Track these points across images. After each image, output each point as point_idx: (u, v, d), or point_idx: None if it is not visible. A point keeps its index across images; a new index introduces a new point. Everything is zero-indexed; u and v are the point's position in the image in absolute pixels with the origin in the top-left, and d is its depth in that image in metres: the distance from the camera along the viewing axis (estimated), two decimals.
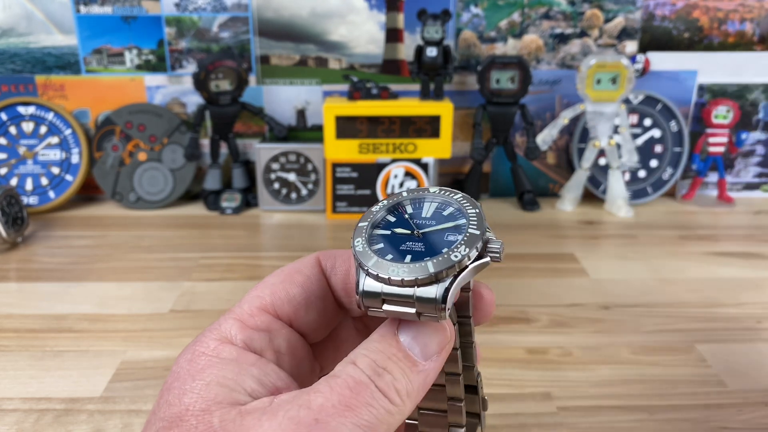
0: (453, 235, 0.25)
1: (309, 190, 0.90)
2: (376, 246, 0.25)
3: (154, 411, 0.23)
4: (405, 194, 0.27)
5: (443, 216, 0.26)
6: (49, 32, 0.89)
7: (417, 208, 0.26)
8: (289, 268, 0.27)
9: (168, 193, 0.91)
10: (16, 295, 0.64)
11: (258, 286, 0.26)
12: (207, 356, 0.23)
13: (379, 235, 0.25)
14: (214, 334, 0.24)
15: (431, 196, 0.27)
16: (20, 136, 0.91)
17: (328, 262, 0.27)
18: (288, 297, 0.26)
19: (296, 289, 0.26)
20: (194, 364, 0.23)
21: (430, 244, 0.24)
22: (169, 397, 0.22)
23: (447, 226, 0.25)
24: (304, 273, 0.27)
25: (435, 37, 0.83)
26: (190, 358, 0.23)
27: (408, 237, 0.25)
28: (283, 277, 0.26)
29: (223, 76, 0.86)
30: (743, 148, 0.96)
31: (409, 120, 0.83)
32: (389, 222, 0.26)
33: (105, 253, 0.75)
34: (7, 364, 0.52)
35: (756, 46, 0.91)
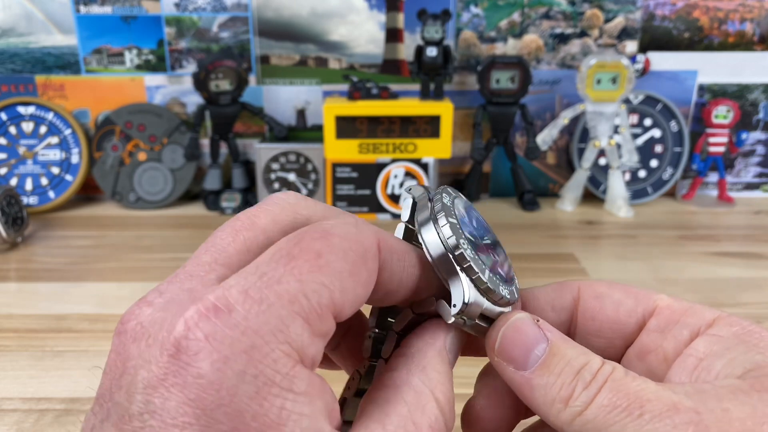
0: (496, 253, 0.24)
1: (309, 190, 0.90)
2: (471, 254, 0.22)
3: None
4: (452, 192, 0.24)
5: (484, 226, 0.25)
6: (49, 32, 0.89)
7: (468, 210, 0.25)
8: (354, 252, 0.19)
9: (168, 193, 0.91)
10: (16, 295, 0.64)
11: (315, 262, 0.18)
12: (280, 390, 0.16)
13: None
14: (280, 344, 0.17)
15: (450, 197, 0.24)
16: (20, 136, 0.91)
17: (386, 255, 0.21)
18: (355, 300, 0.19)
19: (362, 290, 0.20)
20: (266, 404, 0.16)
21: (491, 257, 0.24)
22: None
23: (488, 242, 0.24)
24: (368, 266, 0.20)
25: (435, 37, 0.83)
26: (257, 391, 0.16)
27: (474, 245, 0.23)
28: (351, 266, 0.19)
29: (223, 76, 0.86)
30: (743, 148, 0.95)
31: (409, 120, 0.83)
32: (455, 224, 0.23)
33: (105, 253, 0.75)
34: (7, 364, 0.52)
35: (756, 46, 0.91)
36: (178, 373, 0.16)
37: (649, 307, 0.24)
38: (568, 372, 0.21)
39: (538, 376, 0.21)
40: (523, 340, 0.22)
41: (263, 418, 0.16)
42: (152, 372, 0.16)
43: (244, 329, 0.16)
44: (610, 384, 0.20)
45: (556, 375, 0.21)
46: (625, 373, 0.20)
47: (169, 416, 0.16)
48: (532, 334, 0.22)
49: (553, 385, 0.21)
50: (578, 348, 0.22)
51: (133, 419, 0.16)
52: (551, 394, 0.21)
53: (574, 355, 0.21)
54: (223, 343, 0.16)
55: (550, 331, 0.22)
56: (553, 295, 0.25)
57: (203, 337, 0.16)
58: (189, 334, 0.16)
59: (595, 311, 0.25)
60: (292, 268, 0.18)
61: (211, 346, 0.16)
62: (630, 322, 0.24)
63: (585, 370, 0.21)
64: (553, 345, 0.22)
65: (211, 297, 0.17)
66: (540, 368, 0.21)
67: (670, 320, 0.24)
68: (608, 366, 0.21)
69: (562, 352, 0.21)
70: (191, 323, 0.17)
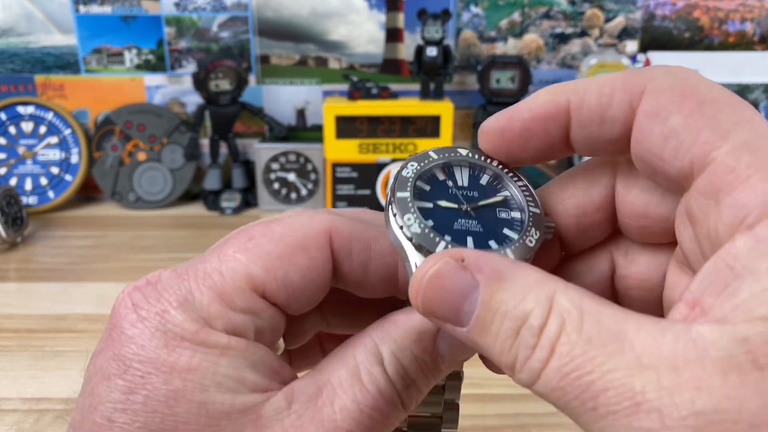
0: (505, 211, 0.21)
1: (309, 190, 0.90)
2: (427, 223, 0.20)
3: (108, 399, 0.18)
4: (433, 155, 0.22)
5: (482, 186, 0.22)
6: (49, 32, 0.89)
7: (449, 173, 0.22)
8: (292, 237, 0.21)
9: (168, 193, 0.91)
10: (16, 295, 0.64)
11: (243, 243, 0.20)
12: (189, 344, 0.19)
13: (422, 209, 0.21)
14: (187, 311, 0.19)
15: (460, 159, 0.22)
16: (19, 135, 0.91)
17: (342, 243, 0.21)
18: (285, 282, 0.20)
19: (297, 274, 0.20)
20: (175, 354, 0.18)
21: (485, 222, 0.21)
22: (149, 397, 0.18)
23: (495, 201, 0.21)
24: (311, 253, 0.21)
25: (435, 37, 0.83)
26: (165, 344, 0.19)
27: (456, 212, 0.21)
28: (284, 249, 0.20)
29: (222, 75, 0.86)
30: None
31: (409, 120, 0.83)
32: (426, 192, 0.21)
33: (104, 253, 0.75)
34: (7, 365, 0.51)
35: (756, 46, 0.91)
36: (110, 336, 0.19)
37: (703, 158, 0.17)
38: (506, 331, 0.16)
39: (478, 335, 0.17)
40: (449, 295, 0.17)
41: (173, 363, 0.18)
42: (101, 342, 0.20)
43: (159, 297, 0.19)
44: (557, 356, 0.15)
45: (494, 335, 0.17)
46: (580, 330, 0.15)
47: (100, 371, 0.19)
48: (459, 282, 0.17)
49: (494, 348, 0.17)
50: (520, 284, 0.17)
51: (84, 384, 0.20)
52: (496, 358, 0.17)
53: (511, 303, 0.16)
54: (143, 308, 0.19)
55: (481, 270, 0.17)
56: (608, 99, 0.19)
57: (131, 304, 0.19)
58: (122, 304, 0.20)
59: (641, 135, 0.18)
60: (221, 249, 0.21)
61: (134, 311, 0.19)
62: (674, 167, 0.18)
63: (525, 330, 0.16)
64: (484, 291, 0.17)
65: (149, 275, 0.21)
66: (476, 326, 0.17)
67: (727, 186, 0.16)
68: (555, 320, 0.16)
69: (496, 301, 0.17)
70: (125, 295, 0.20)
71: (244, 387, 0.19)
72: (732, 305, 0.14)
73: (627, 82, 0.19)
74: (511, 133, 0.21)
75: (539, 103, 0.20)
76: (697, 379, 0.14)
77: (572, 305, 0.16)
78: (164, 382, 0.18)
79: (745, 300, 0.14)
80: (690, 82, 0.18)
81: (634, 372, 0.14)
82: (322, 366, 0.21)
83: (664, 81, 0.18)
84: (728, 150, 0.16)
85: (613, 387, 0.14)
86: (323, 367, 0.21)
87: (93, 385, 0.19)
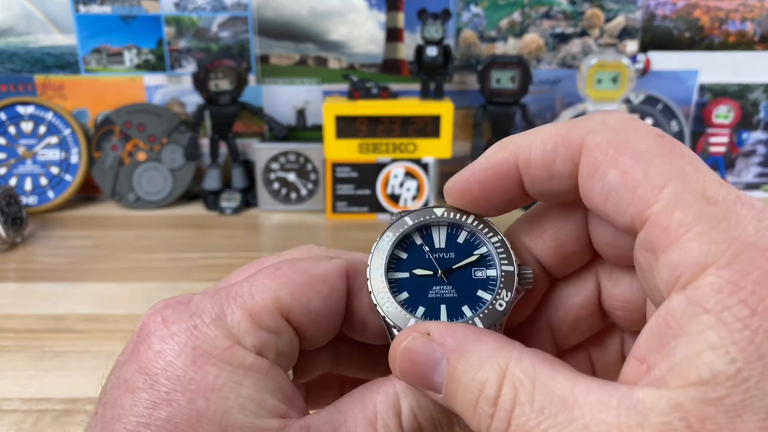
0: (481, 270, 0.22)
1: (309, 190, 0.90)
2: (400, 297, 0.22)
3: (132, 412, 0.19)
4: (409, 221, 0.23)
5: (459, 245, 0.23)
6: (48, 32, 0.89)
7: (426, 236, 0.23)
8: (315, 270, 0.22)
9: (167, 193, 0.91)
10: (15, 296, 0.64)
11: (271, 273, 0.22)
12: (216, 361, 0.19)
13: (398, 280, 0.22)
14: (220, 328, 0.20)
15: (436, 220, 0.23)
16: (19, 135, 0.90)
17: (356, 280, 0.23)
18: (308, 308, 0.22)
19: (319, 303, 0.22)
20: (201, 371, 0.19)
21: (459, 286, 0.22)
22: (173, 414, 0.18)
23: (471, 261, 0.22)
24: (331, 284, 0.22)
25: (435, 37, 0.83)
26: (193, 360, 0.19)
27: (431, 279, 0.22)
28: (308, 279, 0.22)
29: (222, 75, 0.86)
30: (744, 148, 0.95)
31: (409, 120, 0.83)
32: (403, 261, 0.23)
33: (104, 254, 0.75)
34: (7, 365, 0.51)
35: (757, 46, 0.90)
36: (136, 349, 0.20)
37: (640, 215, 0.17)
38: (469, 401, 0.18)
39: (451, 402, 0.19)
40: (420, 367, 0.19)
41: (199, 382, 0.19)
42: (125, 353, 0.21)
43: (192, 314, 0.20)
44: (515, 426, 0.17)
45: (461, 404, 0.18)
46: (532, 401, 0.17)
47: (125, 383, 0.19)
48: (426, 355, 0.19)
49: (465, 415, 0.18)
50: (477, 354, 0.18)
51: (106, 393, 0.20)
52: (470, 423, 0.18)
53: (470, 374, 0.18)
54: (174, 324, 0.20)
55: (444, 343, 0.19)
56: (552, 156, 0.20)
57: (161, 320, 0.20)
58: (151, 319, 0.20)
59: (585, 191, 0.19)
60: (253, 277, 0.22)
61: (164, 326, 0.20)
62: (618, 222, 0.18)
63: (482, 400, 0.17)
64: (449, 364, 0.19)
65: (179, 296, 0.21)
66: (447, 394, 0.19)
67: (661, 244, 0.17)
68: (508, 390, 0.17)
69: (458, 371, 0.18)
70: (155, 311, 0.21)
71: (265, 411, 0.19)
72: (669, 365, 0.15)
73: (567, 138, 0.19)
74: (471, 194, 0.22)
75: (491, 164, 0.21)
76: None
77: (524, 374, 0.17)
78: (189, 401, 0.19)
79: (680, 361, 0.15)
80: (624, 134, 0.18)
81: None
82: (341, 404, 0.21)
83: (600, 136, 0.19)
84: (661, 208, 0.17)
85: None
86: (342, 405, 0.21)
87: (116, 396, 0.19)
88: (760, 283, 0.15)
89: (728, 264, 0.15)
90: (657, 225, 0.17)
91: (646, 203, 0.17)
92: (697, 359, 0.15)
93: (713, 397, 0.14)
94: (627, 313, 0.23)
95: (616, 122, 0.19)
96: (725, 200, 0.16)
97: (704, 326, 0.15)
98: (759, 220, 0.16)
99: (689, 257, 0.16)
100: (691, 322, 0.15)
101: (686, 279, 0.16)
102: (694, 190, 0.16)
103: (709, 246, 0.16)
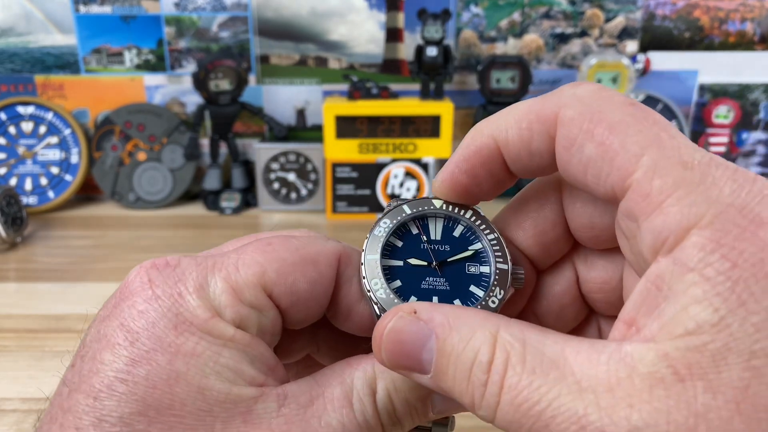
0: (475, 265, 0.22)
1: (309, 190, 0.90)
2: (393, 285, 0.22)
3: (111, 367, 0.19)
4: (407, 210, 0.23)
5: (455, 238, 0.23)
6: (49, 32, 0.89)
7: (423, 227, 0.23)
8: (306, 251, 0.22)
9: (167, 193, 0.91)
10: (16, 296, 0.64)
11: (261, 247, 0.22)
12: (197, 330, 0.19)
13: (393, 268, 0.22)
14: (202, 298, 0.20)
15: (434, 211, 0.23)
16: (19, 135, 0.91)
17: (348, 268, 0.23)
18: (293, 288, 0.21)
19: (305, 284, 0.22)
20: (182, 337, 0.19)
21: (452, 279, 0.22)
22: (151, 372, 0.19)
23: (466, 256, 0.23)
24: (320, 268, 0.22)
25: (435, 37, 0.83)
26: (175, 325, 0.19)
27: (425, 270, 0.22)
28: (297, 259, 0.22)
29: (222, 75, 0.86)
30: (744, 148, 0.95)
31: (409, 120, 0.83)
32: (398, 249, 0.23)
33: (104, 253, 0.75)
34: (7, 365, 0.51)
35: (757, 46, 0.90)
36: (119, 305, 0.20)
37: (620, 184, 0.18)
38: (461, 373, 0.18)
39: (440, 380, 0.18)
40: (408, 347, 0.19)
41: (179, 346, 0.19)
42: (107, 308, 0.21)
43: (177, 280, 0.20)
44: (507, 389, 0.17)
45: (452, 378, 0.18)
46: (524, 361, 0.17)
47: (105, 338, 0.19)
48: (415, 333, 0.19)
49: (455, 390, 0.18)
50: (467, 325, 0.18)
51: (85, 346, 0.20)
52: (459, 399, 0.18)
53: (460, 345, 0.18)
54: (159, 287, 0.20)
55: (432, 319, 0.19)
56: (528, 134, 0.20)
57: (147, 280, 0.20)
58: (137, 278, 0.21)
59: (563, 164, 0.19)
60: (242, 249, 0.22)
61: (150, 287, 0.20)
62: (599, 192, 0.19)
63: (476, 368, 0.17)
64: (437, 338, 0.18)
65: (169, 256, 0.21)
66: (436, 372, 0.18)
67: (643, 211, 0.17)
68: (500, 354, 0.17)
69: (448, 345, 0.18)
70: (142, 269, 0.21)
71: (242, 379, 0.20)
72: (659, 324, 0.16)
73: (540, 114, 0.20)
74: (461, 186, 0.22)
75: (472, 151, 0.21)
76: (629, 397, 0.15)
77: (514, 338, 0.17)
78: (168, 362, 0.19)
79: (669, 320, 0.16)
80: (596, 106, 0.19)
81: (575, 396, 0.16)
82: (320, 375, 0.22)
83: (573, 109, 0.19)
84: (641, 176, 0.17)
85: (560, 413, 0.16)
86: (320, 377, 0.21)
87: (95, 350, 0.19)
88: (739, 238, 0.15)
89: (709, 224, 0.16)
90: (638, 193, 0.17)
91: (626, 172, 0.17)
92: (683, 314, 0.15)
93: (698, 345, 0.15)
94: (604, 295, 0.23)
95: (587, 94, 0.19)
96: (700, 164, 0.17)
97: (689, 284, 0.16)
98: (734, 180, 0.16)
99: (672, 221, 0.16)
100: (678, 282, 0.16)
101: (672, 242, 0.16)
102: (671, 156, 0.17)
103: (690, 209, 0.16)
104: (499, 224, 0.24)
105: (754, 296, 0.15)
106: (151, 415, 0.18)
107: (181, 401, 0.19)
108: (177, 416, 0.18)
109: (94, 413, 0.18)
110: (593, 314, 0.25)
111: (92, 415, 0.18)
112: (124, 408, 0.18)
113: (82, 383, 0.19)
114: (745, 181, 0.16)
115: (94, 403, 0.18)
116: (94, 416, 0.18)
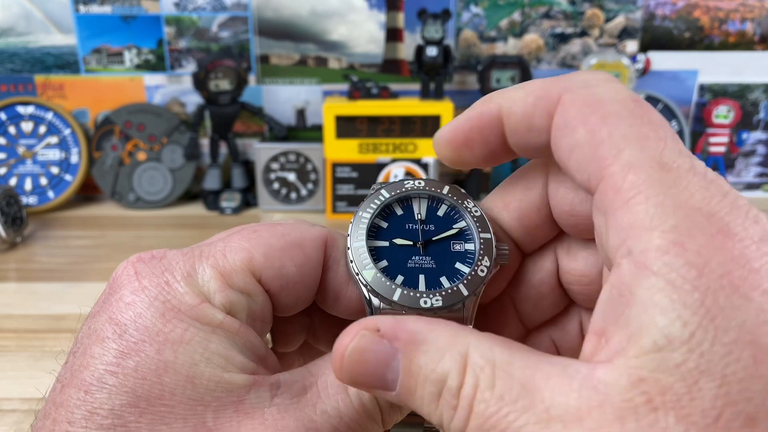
0: (459, 243, 0.23)
1: (309, 190, 0.90)
2: (380, 265, 0.22)
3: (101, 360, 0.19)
4: (385, 194, 0.24)
5: (439, 217, 0.23)
6: (49, 32, 0.89)
7: (407, 207, 0.24)
8: (292, 235, 0.22)
9: (167, 193, 0.91)
10: (16, 296, 0.64)
11: (247, 234, 0.22)
12: (185, 317, 0.20)
13: (379, 248, 0.22)
14: (190, 285, 0.20)
15: (416, 192, 0.24)
16: (19, 135, 0.90)
17: (334, 251, 0.23)
18: (281, 271, 0.22)
19: (292, 267, 0.22)
20: (170, 325, 0.19)
21: (438, 257, 0.22)
22: (141, 363, 0.19)
23: (450, 234, 0.23)
24: (306, 252, 0.22)
25: (435, 37, 0.83)
26: (162, 313, 0.19)
27: (410, 249, 0.22)
28: (284, 244, 0.22)
29: (222, 75, 0.86)
30: (744, 148, 0.95)
31: (409, 120, 0.83)
32: (383, 230, 0.23)
33: (104, 253, 0.75)
34: (7, 365, 0.51)
35: (757, 46, 0.90)
36: (108, 300, 0.20)
37: (597, 174, 0.17)
38: (430, 395, 0.17)
39: (406, 399, 0.18)
40: (371, 367, 0.18)
41: (167, 334, 0.19)
42: (97, 305, 0.21)
43: (164, 270, 0.20)
44: (475, 416, 0.16)
45: (420, 399, 0.17)
46: (492, 387, 0.16)
47: (95, 333, 0.20)
48: (378, 352, 0.18)
49: (422, 410, 0.18)
50: (435, 345, 0.17)
51: (77, 342, 0.20)
52: (426, 417, 0.18)
53: (429, 366, 0.17)
54: (145, 278, 0.20)
55: (397, 337, 0.18)
56: (532, 110, 0.20)
57: (134, 273, 0.20)
58: (124, 272, 0.21)
59: (555, 144, 0.19)
60: (228, 237, 0.22)
61: (136, 279, 0.20)
62: (577, 178, 0.19)
63: (446, 392, 0.17)
64: (404, 358, 0.18)
65: (154, 250, 0.22)
66: (402, 391, 0.18)
67: (611, 205, 0.17)
68: (470, 379, 0.16)
69: (415, 366, 0.17)
70: (129, 264, 0.21)
71: (233, 366, 0.20)
72: (627, 334, 0.15)
73: (547, 92, 0.19)
74: (457, 143, 0.22)
75: (476, 113, 0.22)
76: (598, 428, 0.14)
77: (484, 360, 0.17)
78: (157, 352, 0.19)
79: (636, 330, 0.15)
80: (598, 93, 0.18)
81: (543, 426, 0.15)
82: (313, 365, 0.22)
83: (577, 93, 0.19)
84: (617, 169, 0.17)
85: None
86: (314, 366, 0.21)
87: (86, 345, 0.20)
88: (706, 246, 0.15)
89: (673, 227, 0.15)
90: (610, 185, 0.17)
91: (604, 163, 0.17)
92: (650, 324, 0.15)
93: (670, 366, 0.14)
94: (583, 287, 0.23)
95: (595, 81, 0.19)
96: (679, 168, 0.16)
97: (653, 289, 0.15)
98: (707, 189, 0.16)
99: (635, 219, 0.16)
100: (640, 287, 0.15)
101: (632, 243, 0.16)
102: (651, 156, 0.17)
103: (656, 209, 0.16)
104: (486, 204, 0.24)
105: (724, 312, 0.14)
106: (142, 406, 0.18)
107: (170, 391, 0.19)
108: (167, 406, 0.18)
109: (85, 407, 0.18)
110: (574, 306, 0.25)
111: (84, 409, 0.18)
112: (114, 400, 0.18)
113: (74, 378, 0.19)
114: (718, 191, 0.16)
115: (86, 397, 0.19)
116: (85, 410, 0.18)
